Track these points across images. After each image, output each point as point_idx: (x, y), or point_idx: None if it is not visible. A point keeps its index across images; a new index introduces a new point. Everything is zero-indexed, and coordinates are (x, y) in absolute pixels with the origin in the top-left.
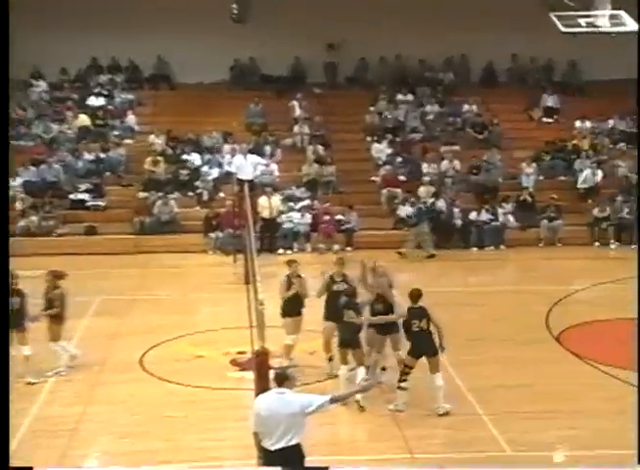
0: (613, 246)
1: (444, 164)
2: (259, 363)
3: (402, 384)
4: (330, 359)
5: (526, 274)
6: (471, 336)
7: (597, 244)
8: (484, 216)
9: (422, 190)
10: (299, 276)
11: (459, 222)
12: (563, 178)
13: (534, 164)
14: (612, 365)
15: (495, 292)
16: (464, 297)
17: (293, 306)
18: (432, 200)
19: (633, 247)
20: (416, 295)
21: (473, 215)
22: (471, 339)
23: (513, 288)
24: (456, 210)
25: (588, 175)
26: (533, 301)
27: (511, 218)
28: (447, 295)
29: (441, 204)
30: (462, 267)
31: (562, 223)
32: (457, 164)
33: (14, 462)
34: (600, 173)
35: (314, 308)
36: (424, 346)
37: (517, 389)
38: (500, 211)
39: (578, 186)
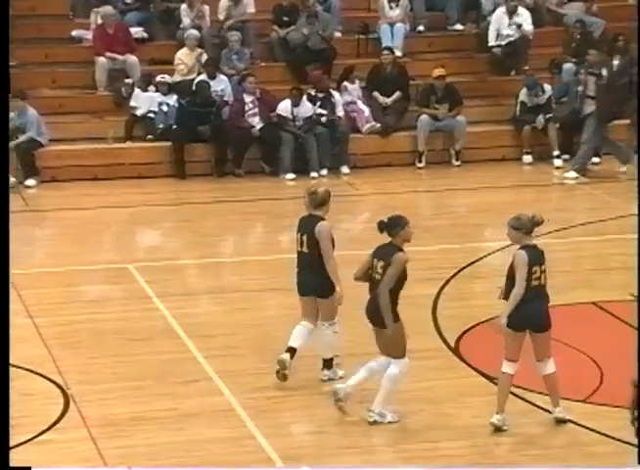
0: (557, 161)
1: (222, 5)
2: None
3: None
4: None
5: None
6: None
7: (527, 158)
8: (307, 110)
9: (182, 55)
10: None
11: (256, 123)
12: (460, 29)
13: None
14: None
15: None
16: (266, 284)
17: None
18: (193, 76)
19: (596, 161)
20: None
21: (284, 109)
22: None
23: (369, 251)
24: (249, 98)
25: (505, 20)
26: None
27: (366, 110)
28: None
29: (223, 86)
30: (264, 216)
31: (462, 121)
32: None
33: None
34: (528, 17)
35: None
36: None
37: None
38: (339, 97)
39: (491, 44)
